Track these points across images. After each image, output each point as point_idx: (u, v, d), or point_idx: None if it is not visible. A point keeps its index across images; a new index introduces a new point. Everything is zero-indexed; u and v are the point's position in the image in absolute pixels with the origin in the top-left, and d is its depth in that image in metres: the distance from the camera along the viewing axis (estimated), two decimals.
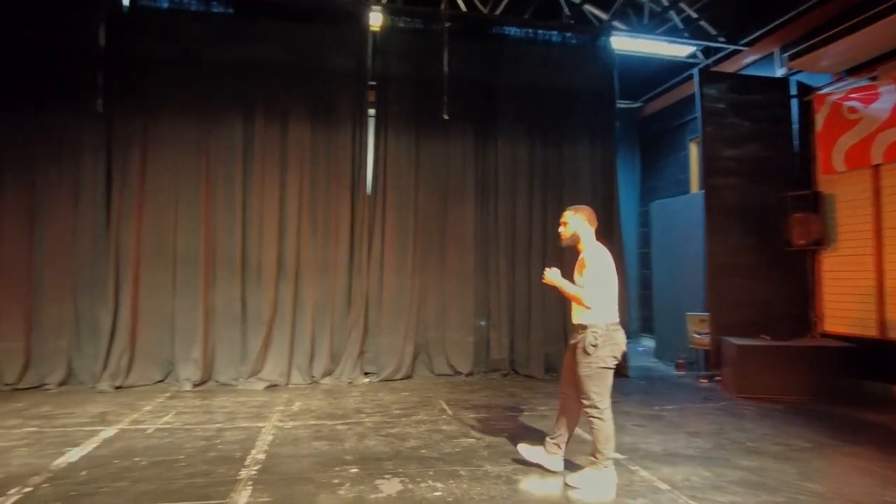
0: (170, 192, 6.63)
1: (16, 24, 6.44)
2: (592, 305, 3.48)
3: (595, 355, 3.43)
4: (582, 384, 3.47)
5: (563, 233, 3.71)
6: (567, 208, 3.82)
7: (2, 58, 6.38)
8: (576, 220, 3.67)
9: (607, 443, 3.45)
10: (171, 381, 6.42)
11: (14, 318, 6.26)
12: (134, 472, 3.64)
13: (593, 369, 3.44)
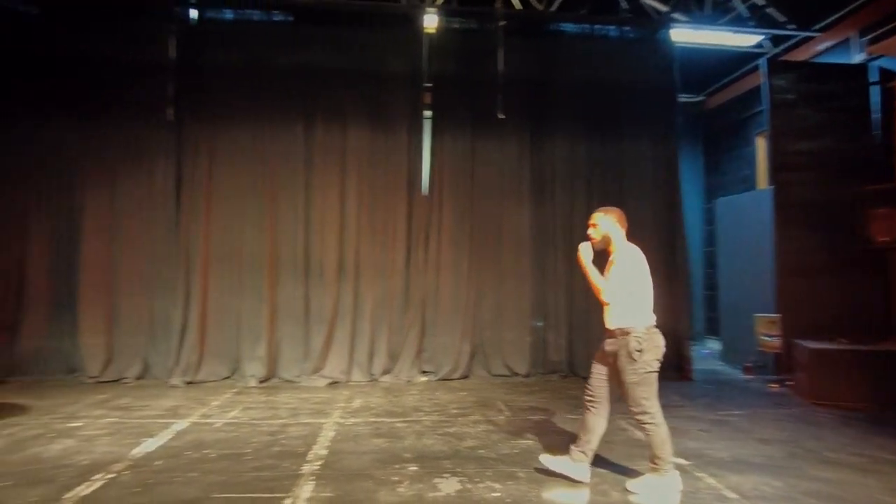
0: (236, 196, 6.91)
1: (95, 41, 6.88)
2: (609, 301, 3.41)
3: (641, 360, 3.32)
4: (630, 392, 3.35)
5: (594, 235, 3.62)
6: (597, 210, 3.73)
7: (82, 72, 6.84)
8: (606, 222, 3.59)
9: (664, 446, 3.34)
10: (237, 378, 6.68)
11: (97, 316, 6.71)
12: (204, 463, 3.82)
13: (640, 375, 3.33)
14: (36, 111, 6.85)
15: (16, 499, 3.18)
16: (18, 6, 6.90)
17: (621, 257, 3.48)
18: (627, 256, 3.47)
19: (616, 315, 3.44)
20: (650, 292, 3.48)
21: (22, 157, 6.81)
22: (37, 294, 6.77)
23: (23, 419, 4.90)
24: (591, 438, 3.53)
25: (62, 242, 6.83)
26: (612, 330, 3.47)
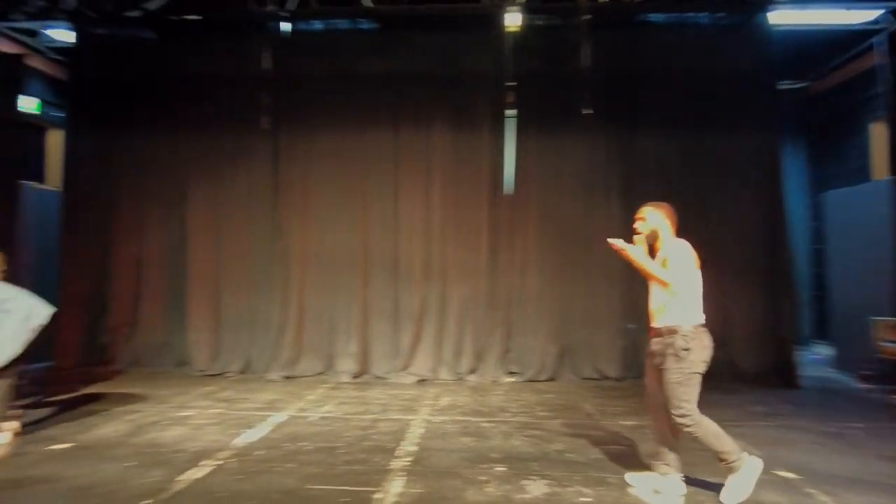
0: (330, 199, 7.21)
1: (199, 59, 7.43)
2: (672, 283, 3.23)
3: (688, 360, 3.16)
4: (671, 392, 3.18)
5: (641, 229, 3.48)
6: (646, 204, 3.59)
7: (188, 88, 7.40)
8: (655, 216, 3.46)
9: (721, 440, 3.14)
10: (331, 374, 6.96)
11: (204, 314, 7.24)
12: (301, 455, 4.01)
13: (685, 375, 3.16)
14: (151, 126, 7.49)
15: (140, 478, 3.50)
16: (140, 33, 7.60)
17: (672, 253, 3.33)
18: (678, 252, 3.32)
19: (666, 313, 3.30)
20: (699, 290, 3.33)
21: (141, 168, 7.50)
22: (153, 293, 7.41)
23: (142, 406, 5.37)
24: (667, 448, 3.36)
25: (173, 246, 7.42)
26: (658, 328, 3.33)
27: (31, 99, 7.51)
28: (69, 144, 7.69)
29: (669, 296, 3.28)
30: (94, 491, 3.30)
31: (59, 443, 4.22)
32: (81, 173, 7.55)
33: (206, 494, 3.27)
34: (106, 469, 3.66)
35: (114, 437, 4.37)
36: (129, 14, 7.44)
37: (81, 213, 7.49)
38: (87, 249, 7.45)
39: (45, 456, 3.95)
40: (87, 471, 3.63)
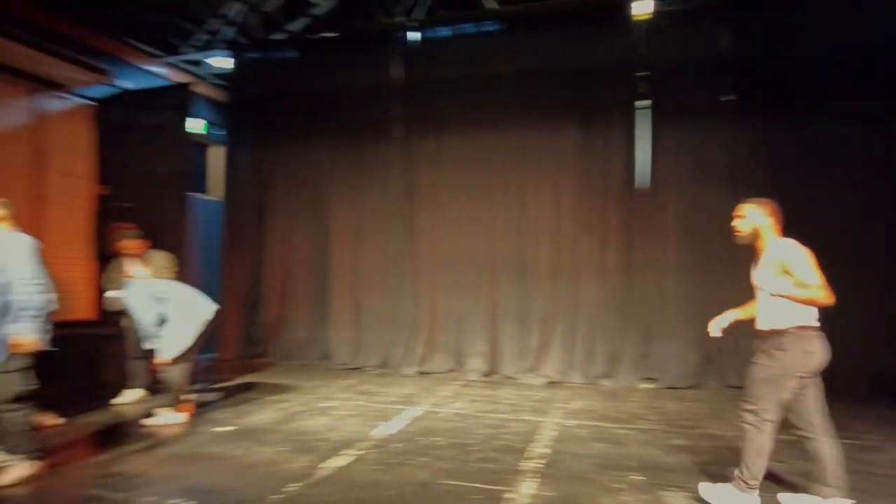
0: (460, 202, 7.35)
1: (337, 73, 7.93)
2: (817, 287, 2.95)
3: (780, 360, 2.96)
4: (751, 385, 3.10)
5: (740, 227, 3.23)
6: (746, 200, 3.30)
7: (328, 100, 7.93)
8: (756, 213, 3.21)
9: (758, 459, 3.01)
10: (462, 371, 7.10)
11: (346, 311, 7.74)
12: (435, 450, 4.13)
13: (770, 374, 2.99)
14: (298, 139, 8.16)
15: (290, 462, 3.81)
16: (286, 54, 8.33)
17: (793, 249, 3.06)
18: (795, 253, 3.03)
19: (773, 313, 3.08)
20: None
21: (289, 178, 8.19)
22: (300, 291, 8.06)
23: (291, 396, 5.84)
24: (824, 466, 3.03)
25: (318, 248, 8.01)
26: (763, 331, 3.13)
27: (198, 121, 8.48)
28: (229, 159, 8.65)
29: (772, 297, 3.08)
30: (252, 470, 3.65)
31: (223, 425, 4.73)
32: (239, 185, 8.46)
33: (347, 482, 3.47)
34: (261, 452, 4.03)
35: (267, 423, 4.80)
36: (275, 38, 8.19)
37: (239, 221, 8.39)
38: (243, 253, 8.31)
39: (212, 436, 4.43)
40: (246, 452, 4.02)
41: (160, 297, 4.81)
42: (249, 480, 3.48)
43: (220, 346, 8.10)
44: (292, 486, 3.36)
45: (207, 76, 9.27)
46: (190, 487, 3.38)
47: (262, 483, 3.42)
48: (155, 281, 5.21)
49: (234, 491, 3.31)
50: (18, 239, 3.53)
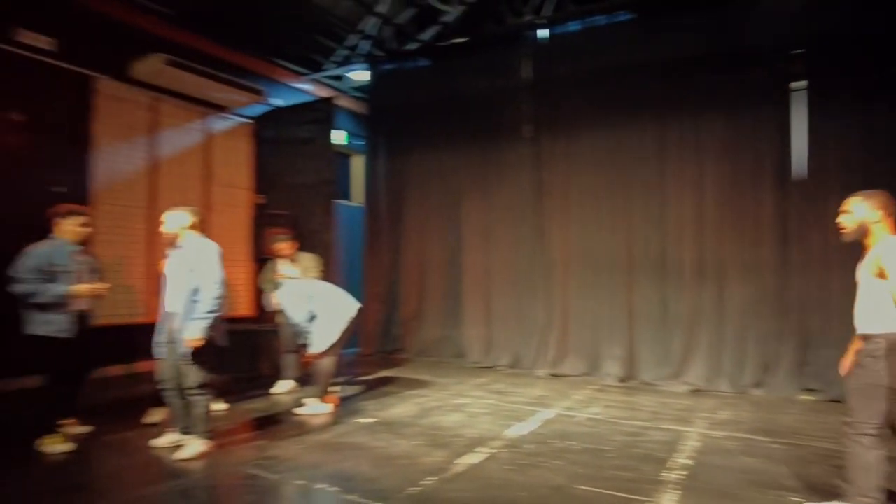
0: (592, 201, 7.14)
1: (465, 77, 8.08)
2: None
3: (872, 369, 2.75)
4: (849, 399, 2.93)
5: (845, 223, 2.91)
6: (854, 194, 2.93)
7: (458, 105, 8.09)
8: (863, 208, 2.84)
9: (865, 475, 2.76)
10: (597, 375, 6.89)
11: (478, 310, 7.86)
12: (569, 453, 4.04)
13: (862, 384, 2.81)
14: (431, 144, 8.44)
15: (427, 456, 3.95)
16: (418, 63, 8.65)
17: (884, 249, 2.72)
18: (890, 247, 2.69)
19: (861, 317, 2.81)
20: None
21: (424, 182, 8.50)
22: (435, 291, 8.32)
23: (427, 392, 6.04)
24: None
25: (451, 249, 8.22)
26: (860, 336, 2.84)
27: (340, 132, 9.09)
28: (368, 166, 9.17)
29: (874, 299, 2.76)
30: (392, 462, 3.83)
31: (364, 417, 5.01)
32: (376, 190, 8.94)
33: (480, 479, 3.52)
34: (400, 444, 4.22)
35: (405, 417, 5.01)
36: (408, 48, 8.54)
37: (377, 225, 8.88)
38: (382, 255, 8.77)
39: (355, 427, 4.72)
40: (386, 444, 4.23)
41: (310, 295, 5.23)
42: (388, 471, 3.65)
43: (361, 342, 8.61)
44: (428, 480, 3.47)
45: (348, 90, 9.91)
46: (334, 474, 3.63)
47: (400, 474, 3.58)
48: (306, 280, 5.66)
49: (374, 480, 3.50)
50: (207, 245, 4.02)
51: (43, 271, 3.97)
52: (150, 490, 3.41)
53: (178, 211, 4.08)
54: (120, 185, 6.93)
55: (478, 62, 8.05)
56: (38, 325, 3.98)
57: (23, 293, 3.91)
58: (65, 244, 4.16)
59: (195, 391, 3.89)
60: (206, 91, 7.48)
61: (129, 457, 4.01)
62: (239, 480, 3.57)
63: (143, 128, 7.23)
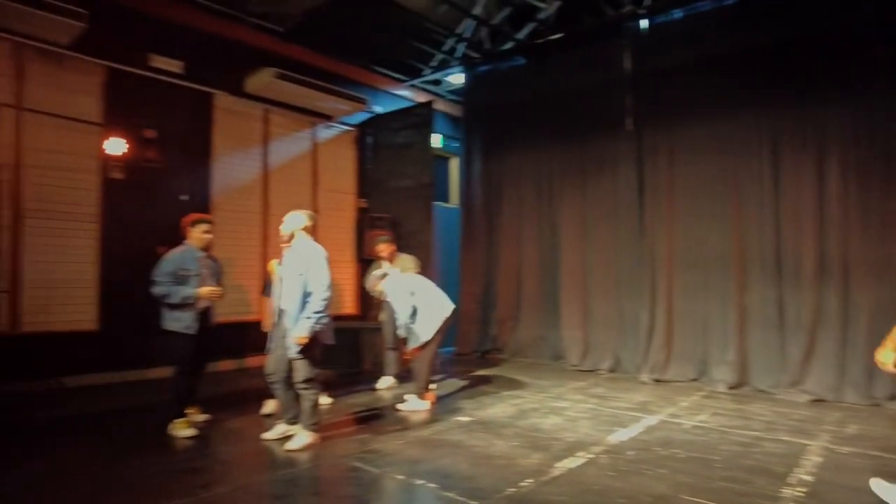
0: (697, 196, 6.78)
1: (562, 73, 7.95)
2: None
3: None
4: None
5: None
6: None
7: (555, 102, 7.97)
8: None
9: None
10: (705, 381, 6.53)
11: (576, 311, 7.70)
12: (673, 462, 3.87)
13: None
14: (527, 143, 8.40)
15: (525, 458, 3.94)
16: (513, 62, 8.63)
17: None
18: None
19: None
20: None
21: (519, 182, 8.47)
22: (531, 291, 8.27)
23: (524, 393, 6.01)
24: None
25: (547, 248, 8.13)
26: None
27: (435, 136, 9.27)
28: (463, 168, 9.27)
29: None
30: (489, 462, 3.86)
31: (462, 415, 5.08)
32: (472, 191, 9.02)
33: (579, 484, 3.46)
34: (497, 444, 4.24)
35: (502, 418, 5.02)
36: (504, 48, 8.54)
37: (473, 225, 8.95)
38: (478, 255, 8.84)
39: (452, 425, 4.80)
40: (484, 443, 4.26)
41: (412, 290, 5.37)
42: (486, 471, 3.68)
43: (457, 342, 8.72)
44: (526, 482, 3.46)
45: (444, 93, 10.09)
46: (433, 470, 3.71)
47: (497, 475, 3.60)
48: (409, 275, 5.79)
49: (472, 479, 3.54)
50: (315, 248, 4.27)
51: (176, 275, 4.41)
52: (261, 478, 3.66)
53: (296, 213, 4.35)
54: (236, 192, 7.51)
55: (575, 57, 7.89)
56: (170, 322, 4.45)
57: (159, 294, 4.38)
58: (193, 250, 4.58)
59: (304, 385, 4.13)
60: (312, 101, 7.93)
61: (242, 445, 4.34)
62: (343, 472, 3.75)
63: (256, 138, 7.80)
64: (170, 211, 6.28)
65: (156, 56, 6.75)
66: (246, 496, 3.29)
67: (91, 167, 6.26)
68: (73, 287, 6.10)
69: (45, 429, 4.65)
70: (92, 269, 6.22)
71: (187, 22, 6.96)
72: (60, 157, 6.06)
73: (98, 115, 6.31)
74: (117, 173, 6.39)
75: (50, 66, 5.99)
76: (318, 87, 7.69)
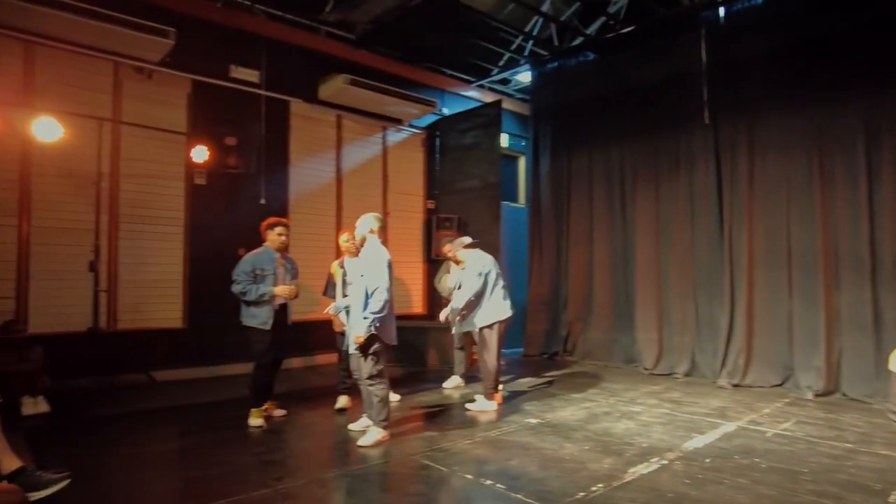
0: (780, 191, 6.41)
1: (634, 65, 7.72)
2: None
3: None
4: None
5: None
6: None
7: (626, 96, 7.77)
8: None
9: None
10: (789, 387, 6.16)
11: (650, 313, 7.45)
12: (754, 472, 3.68)
13: None
14: (596, 140, 8.22)
15: (595, 462, 3.86)
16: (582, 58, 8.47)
17: None
18: None
19: None
20: None
21: (589, 180, 8.31)
22: (602, 292, 8.07)
23: (595, 396, 5.89)
24: None
25: (619, 248, 7.92)
26: None
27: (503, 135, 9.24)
28: (530, 167, 9.19)
29: None
30: (559, 465, 3.81)
31: (530, 417, 5.04)
32: (541, 191, 8.92)
33: (652, 491, 3.35)
34: (567, 448, 4.17)
35: (572, 421, 4.94)
36: (573, 44, 8.39)
37: (541, 225, 8.86)
38: (546, 255, 8.73)
39: (521, 426, 4.77)
40: (554, 446, 4.21)
41: (483, 273, 5.35)
42: (555, 474, 3.63)
43: (525, 343, 8.65)
44: (597, 487, 3.39)
45: (512, 92, 10.05)
46: (501, 471, 3.70)
47: (567, 478, 3.55)
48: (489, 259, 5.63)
49: (541, 481, 3.51)
50: (379, 251, 4.36)
51: (253, 273, 4.66)
52: (332, 473, 3.77)
53: (365, 217, 4.48)
54: (310, 195, 7.80)
55: (646, 50, 7.65)
56: (248, 318, 4.72)
57: (237, 292, 4.65)
58: (270, 251, 4.82)
59: (369, 382, 4.24)
60: (383, 106, 8.12)
61: (314, 440, 4.50)
62: (411, 470, 3.81)
63: (329, 143, 8.07)
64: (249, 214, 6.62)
65: (236, 67, 7.11)
66: (318, 490, 3.41)
67: (178, 174, 6.68)
68: (163, 287, 6.53)
69: (138, 419, 5.00)
70: (179, 270, 6.64)
71: (264, 33, 7.29)
72: (151, 165, 6.50)
73: (184, 125, 6.73)
74: (201, 179, 6.79)
75: (142, 81, 6.44)
76: (389, 92, 7.86)
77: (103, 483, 3.45)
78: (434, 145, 9.19)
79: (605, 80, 8.11)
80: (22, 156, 5.71)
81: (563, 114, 8.66)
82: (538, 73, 9.06)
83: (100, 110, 6.07)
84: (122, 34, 5.77)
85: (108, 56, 6.16)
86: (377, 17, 7.32)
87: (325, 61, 7.83)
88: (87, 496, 3.19)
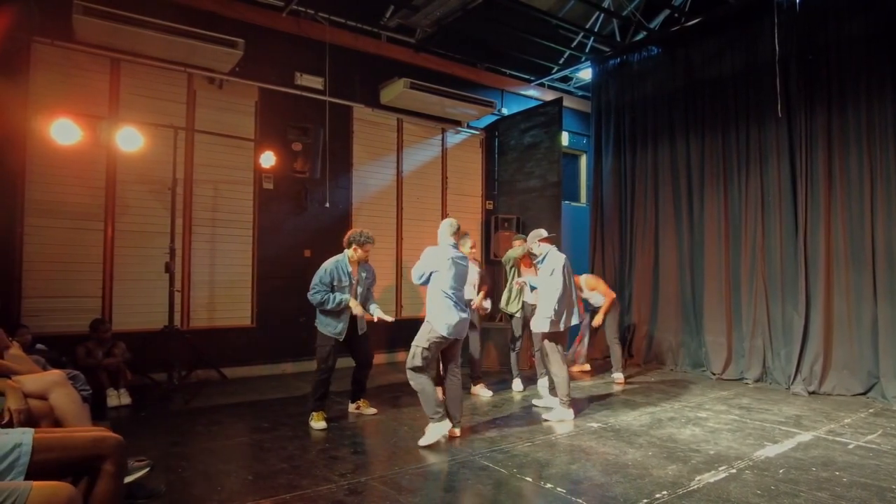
0: (862, 188, 6.02)
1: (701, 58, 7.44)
2: None
3: None
4: None
5: None
6: None
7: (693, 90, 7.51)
8: None
9: None
10: (874, 396, 5.79)
11: (720, 317, 7.15)
12: (834, 485, 3.48)
13: None
14: (661, 136, 7.99)
15: (659, 468, 3.76)
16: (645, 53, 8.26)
17: None
18: None
19: None
20: None
21: (654, 178, 8.08)
22: (669, 294, 7.82)
23: (660, 402, 5.73)
24: None
25: (687, 248, 7.65)
26: None
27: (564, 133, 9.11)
28: (592, 165, 9.02)
29: None
30: (622, 470, 3.73)
31: (592, 422, 4.95)
32: (604, 189, 8.74)
33: (719, 500, 3.23)
34: (630, 453, 4.08)
35: (636, 426, 4.82)
36: (636, 39, 8.19)
37: (603, 224, 8.67)
38: (610, 256, 8.54)
39: (582, 430, 4.70)
40: (616, 451, 4.13)
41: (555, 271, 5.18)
42: (618, 479, 3.56)
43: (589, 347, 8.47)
44: (661, 494, 3.31)
45: (573, 90, 9.90)
46: (562, 475, 3.67)
47: (630, 484, 3.47)
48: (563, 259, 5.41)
49: (603, 487, 3.45)
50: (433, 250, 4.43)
51: (330, 285, 4.81)
52: (396, 470, 3.83)
53: (447, 221, 4.55)
54: (373, 198, 7.96)
55: (714, 42, 7.36)
56: (321, 325, 4.87)
57: (314, 302, 4.79)
58: (346, 263, 4.92)
59: (408, 372, 4.32)
60: (442, 108, 8.19)
61: (382, 437, 4.59)
62: (473, 471, 3.82)
63: (390, 146, 8.21)
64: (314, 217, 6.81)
65: (301, 74, 7.35)
66: (382, 486, 3.48)
67: (247, 179, 6.98)
68: (233, 287, 6.83)
69: (212, 413, 5.26)
70: (248, 271, 6.92)
71: (327, 40, 7.49)
72: (222, 171, 6.82)
73: (252, 132, 7.01)
74: (269, 184, 7.06)
75: (214, 91, 6.77)
76: (448, 95, 7.92)
77: (181, 473, 3.65)
78: (493, 146, 9.18)
79: (670, 74, 7.87)
80: (108, 164, 6.12)
81: (626, 110, 8.46)
82: (600, 70, 8.89)
83: (175, 119, 6.42)
84: (196, 47, 6.10)
85: (183, 68, 6.50)
86: (437, 19, 7.38)
87: (386, 66, 7.97)
88: (166, 484, 3.39)
